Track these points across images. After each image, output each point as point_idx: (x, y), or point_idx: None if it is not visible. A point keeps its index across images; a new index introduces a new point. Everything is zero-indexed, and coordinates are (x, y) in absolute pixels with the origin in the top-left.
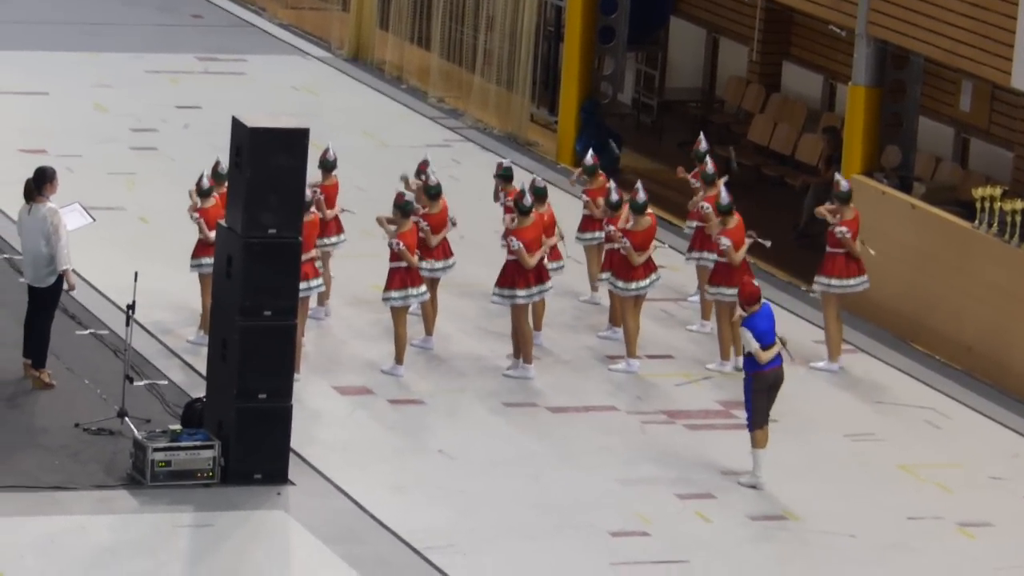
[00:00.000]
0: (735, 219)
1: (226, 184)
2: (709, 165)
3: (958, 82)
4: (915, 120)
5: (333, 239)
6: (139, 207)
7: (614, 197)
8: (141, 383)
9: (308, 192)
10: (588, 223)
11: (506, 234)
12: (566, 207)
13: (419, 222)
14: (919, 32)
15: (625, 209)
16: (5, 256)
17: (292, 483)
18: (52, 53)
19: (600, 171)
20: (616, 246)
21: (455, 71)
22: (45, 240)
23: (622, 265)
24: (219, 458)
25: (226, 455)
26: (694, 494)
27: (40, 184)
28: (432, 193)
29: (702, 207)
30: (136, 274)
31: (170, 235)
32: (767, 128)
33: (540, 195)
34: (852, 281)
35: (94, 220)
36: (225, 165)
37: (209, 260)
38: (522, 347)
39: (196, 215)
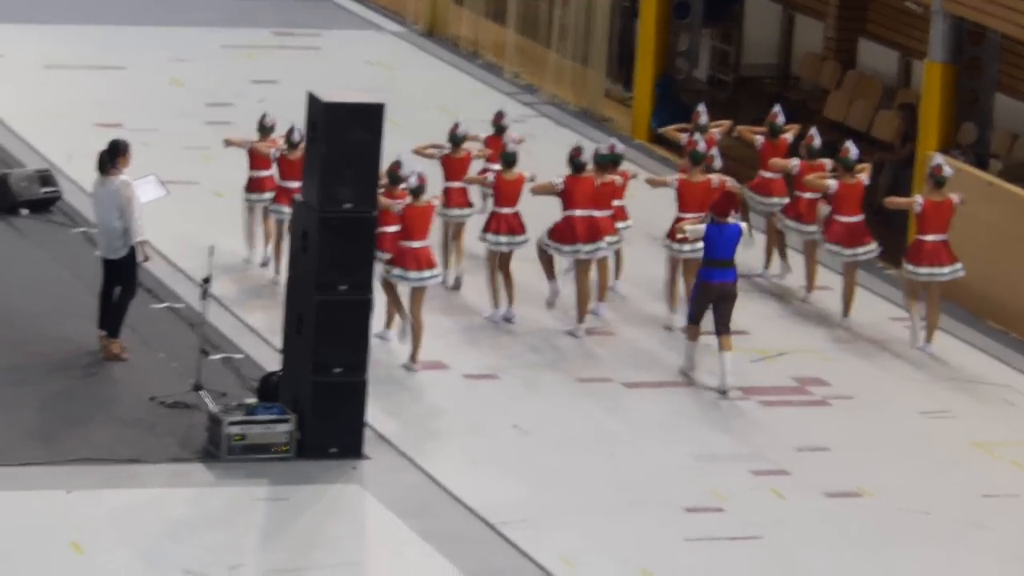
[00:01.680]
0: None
1: (294, 152)
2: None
3: None
4: (991, 97)
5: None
6: (214, 181)
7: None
8: (217, 357)
9: (415, 179)
10: None
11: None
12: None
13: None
14: (996, 8)
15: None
16: (82, 229)
17: (367, 457)
18: (128, 27)
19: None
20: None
21: (530, 46)
22: (118, 212)
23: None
24: (295, 432)
25: (301, 429)
26: (768, 470)
27: (114, 157)
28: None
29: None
30: (212, 248)
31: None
32: (843, 105)
33: (603, 162)
34: (945, 270)
35: (168, 193)
36: (299, 133)
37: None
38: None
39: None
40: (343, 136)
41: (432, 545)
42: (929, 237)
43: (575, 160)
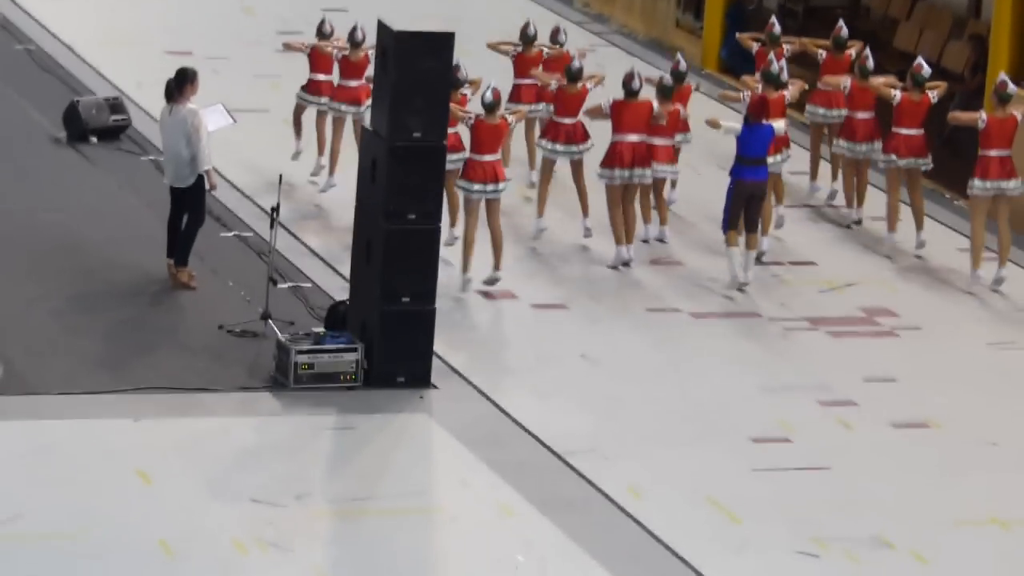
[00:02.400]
0: None
1: (357, 53)
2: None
3: None
4: None
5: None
6: (284, 110)
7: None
8: (285, 285)
9: (489, 93)
10: None
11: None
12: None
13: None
14: None
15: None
16: (151, 157)
17: (435, 387)
18: None
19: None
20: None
21: None
22: (186, 140)
23: None
24: (362, 361)
25: (369, 358)
26: (836, 401)
27: (181, 85)
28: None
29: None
30: (281, 176)
31: (315, 138)
32: (913, 35)
33: (664, 92)
34: (1011, 184)
35: (235, 122)
36: (362, 32)
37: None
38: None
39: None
40: (413, 65)
41: (499, 475)
42: (993, 152)
43: (627, 85)
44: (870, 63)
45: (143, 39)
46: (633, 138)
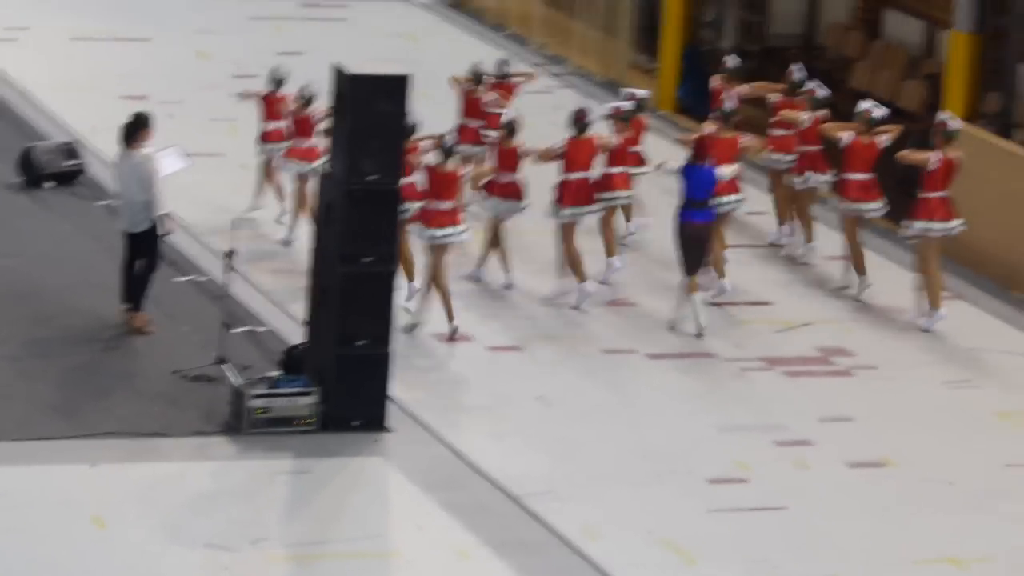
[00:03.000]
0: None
1: (307, 110)
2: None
3: None
4: (1015, 67)
5: None
6: (240, 153)
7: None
8: (240, 330)
9: (451, 136)
10: None
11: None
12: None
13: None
14: None
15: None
16: (105, 202)
17: (391, 430)
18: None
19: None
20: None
21: (556, 17)
22: (141, 185)
23: None
24: (318, 405)
25: (325, 402)
26: (792, 441)
27: (136, 130)
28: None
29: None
30: (235, 221)
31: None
32: (868, 75)
33: (622, 117)
34: (951, 224)
35: (191, 164)
36: (312, 91)
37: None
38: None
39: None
40: (368, 108)
41: (455, 517)
42: (937, 194)
43: (578, 122)
44: (796, 76)
45: (98, 84)
46: (583, 175)
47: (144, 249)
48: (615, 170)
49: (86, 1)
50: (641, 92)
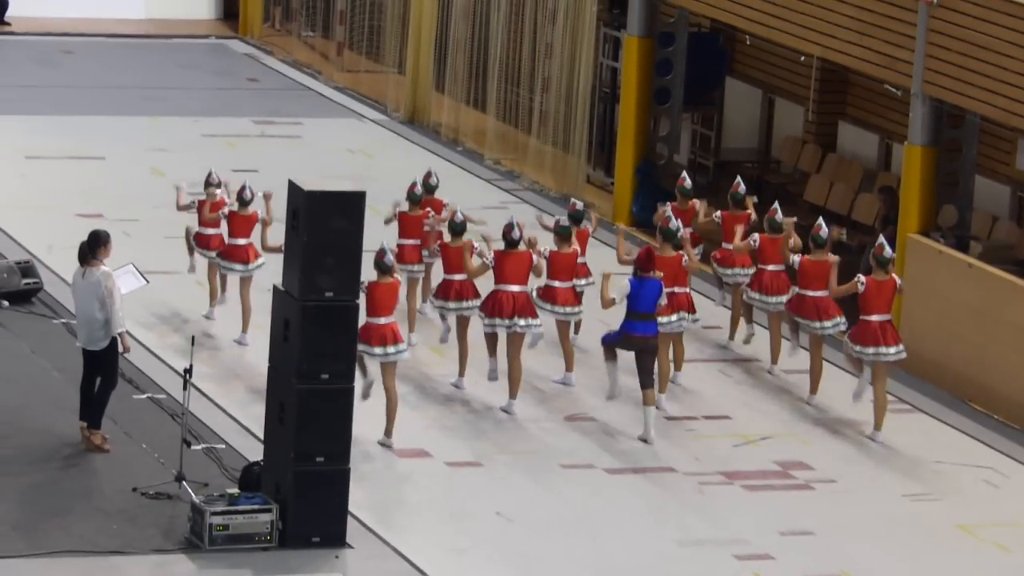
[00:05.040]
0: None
1: (245, 210)
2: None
3: (1015, 141)
4: (972, 179)
5: None
6: (196, 272)
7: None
8: (199, 447)
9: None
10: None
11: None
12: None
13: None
14: (975, 91)
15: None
16: (63, 320)
17: (350, 546)
18: (109, 118)
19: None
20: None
21: (511, 133)
22: (99, 304)
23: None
24: (277, 521)
25: (284, 518)
26: (752, 555)
27: (94, 248)
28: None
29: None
30: (193, 338)
31: (228, 300)
32: (823, 188)
33: (562, 233)
34: (892, 349)
35: (148, 283)
36: (250, 191)
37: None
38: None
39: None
40: (324, 224)
41: None
42: (874, 317)
43: (507, 236)
44: (779, 216)
45: (53, 202)
46: (514, 288)
47: (103, 367)
48: (557, 284)
49: (39, 120)
50: (580, 204)
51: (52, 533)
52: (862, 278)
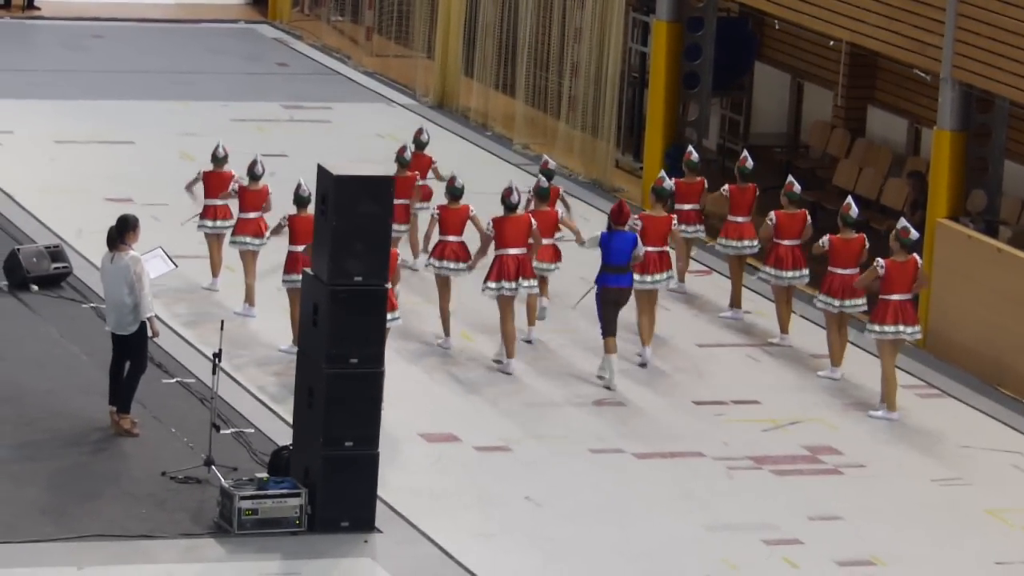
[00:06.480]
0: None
1: (255, 184)
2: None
3: None
4: (1001, 164)
5: None
6: (225, 256)
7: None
8: (228, 431)
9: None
10: None
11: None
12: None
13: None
14: (1004, 75)
15: None
16: (92, 305)
17: (379, 530)
18: (138, 102)
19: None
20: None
21: (540, 118)
22: (128, 288)
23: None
24: (306, 506)
25: (313, 503)
26: (781, 540)
27: (123, 232)
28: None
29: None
30: (223, 322)
31: (256, 284)
32: (852, 173)
33: (541, 195)
34: (910, 328)
35: (176, 267)
36: (261, 166)
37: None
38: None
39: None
40: (353, 209)
41: None
42: (894, 296)
43: (506, 200)
44: (797, 188)
45: (83, 187)
46: (516, 251)
47: (132, 351)
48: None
49: (69, 105)
50: (552, 162)
51: (81, 517)
52: (881, 262)
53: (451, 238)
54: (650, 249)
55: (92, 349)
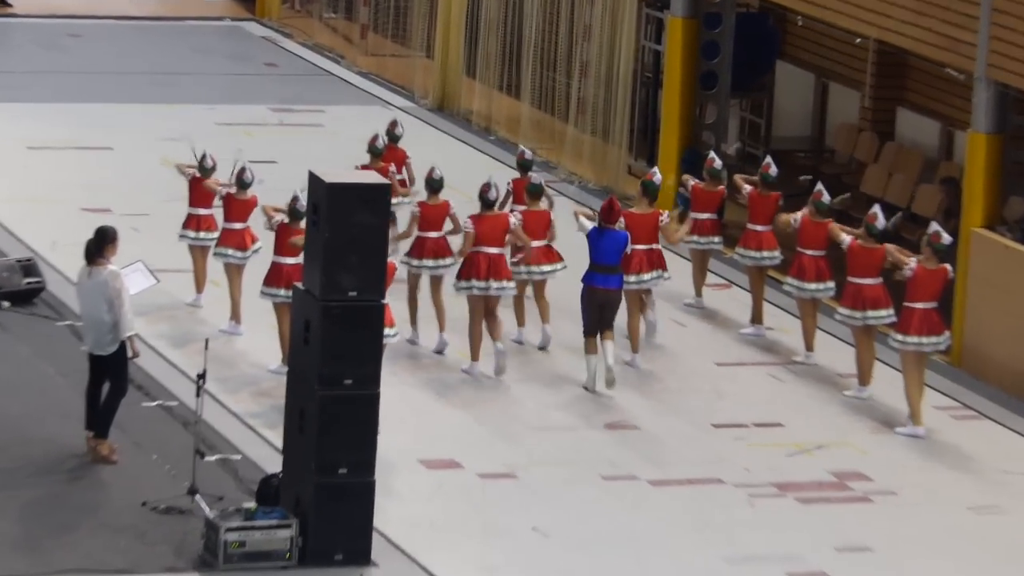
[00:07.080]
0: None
1: (243, 194)
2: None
3: None
4: None
5: None
6: (210, 269)
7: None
8: (213, 458)
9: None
10: None
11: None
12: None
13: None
14: None
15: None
16: (68, 322)
17: (375, 564)
18: (117, 105)
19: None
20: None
21: (547, 121)
22: (107, 305)
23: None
24: (297, 538)
25: (304, 534)
26: (806, 572)
27: (101, 246)
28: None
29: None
30: (207, 341)
31: (242, 299)
32: (881, 179)
33: (532, 193)
34: (935, 339)
35: (158, 281)
36: (251, 174)
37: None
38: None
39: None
40: (347, 219)
41: None
42: (919, 305)
43: (483, 197)
44: (825, 198)
45: (58, 196)
46: (490, 250)
47: (111, 373)
48: (535, 244)
49: (43, 108)
50: (528, 152)
51: (56, 551)
52: (912, 263)
53: (431, 234)
54: (637, 247)
55: (67, 370)
